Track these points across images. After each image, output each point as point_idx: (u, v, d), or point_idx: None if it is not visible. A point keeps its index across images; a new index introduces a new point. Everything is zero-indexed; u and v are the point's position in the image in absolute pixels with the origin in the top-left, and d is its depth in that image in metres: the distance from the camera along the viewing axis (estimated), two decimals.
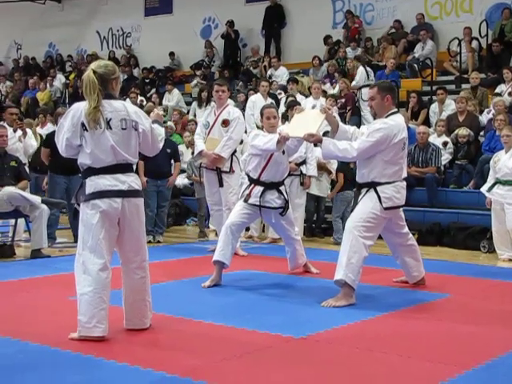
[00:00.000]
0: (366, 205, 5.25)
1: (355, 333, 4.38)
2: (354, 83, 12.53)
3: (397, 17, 14.31)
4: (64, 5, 19.80)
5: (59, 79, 17.98)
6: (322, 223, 9.64)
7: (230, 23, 16.16)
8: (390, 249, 5.88)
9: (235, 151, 7.72)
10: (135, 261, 4.33)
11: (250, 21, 16.20)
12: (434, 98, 11.51)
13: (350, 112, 11.81)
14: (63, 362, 3.67)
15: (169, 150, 8.85)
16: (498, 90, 11.09)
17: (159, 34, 17.64)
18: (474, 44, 12.78)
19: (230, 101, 8.19)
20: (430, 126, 10.73)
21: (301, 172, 8.53)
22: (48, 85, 17.65)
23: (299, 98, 11.72)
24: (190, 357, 3.80)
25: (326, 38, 14.73)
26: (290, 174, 8.41)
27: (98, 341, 4.01)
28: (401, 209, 5.53)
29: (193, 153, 9.07)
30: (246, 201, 6.10)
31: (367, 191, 5.29)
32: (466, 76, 12.20)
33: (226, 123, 7.59)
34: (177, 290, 5.72)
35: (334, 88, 12.74)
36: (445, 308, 5.17)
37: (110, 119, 4.13)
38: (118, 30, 19.15)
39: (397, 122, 5.28)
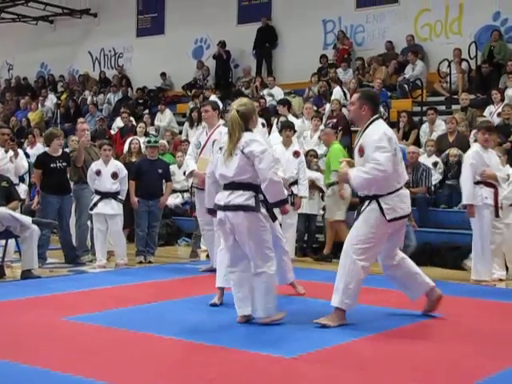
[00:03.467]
0: (366, 222, 5.08)
1: (346, 353, 4.38)
2: (327, 105, 12.63)
3: (387, 38, 14.44)
4: (56, 25, 19.87)
5: (51, 99, 18.00)
6: (313, 243, 9.65)
7: (222, 43, 16.27)
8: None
9: None
10: None
11: (241, 41, 16.30)
12: (425, 118, 11.60)
13: (341, 132, 11.86)
14: (53, 382, 3.64)
15: (160, 171, 8.87)
16: (487, 111, 11.19)
17: (151, 54, 17.72)
18: (464, 65, 12.91)
19: (221, 121, 8.21)
20: (420, 147, 10.81)
21: (292, 192, 8.56)
22: (40, 105, 17.67)
23: (290, 118, 11.78)
24: (178, 376, 3.80)
25: (321, 58, 14.85)
26: None
27: (89, 362, 3.99)
28: (405, 220, 5.36)
29: (185, 173, 9.10)
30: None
31: (369, 203, 5.11)
32: (455, 97, 12.30)
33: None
34: (169, 310, 5.69)
35: (323, 109, 12.80)
36: (436, 328, 5.18)
37: None
38: (110, 51, 19.21)
39: (385, 128, 5.20)
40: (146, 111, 15.85)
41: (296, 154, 8.72)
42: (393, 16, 14.56)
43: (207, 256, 8.29)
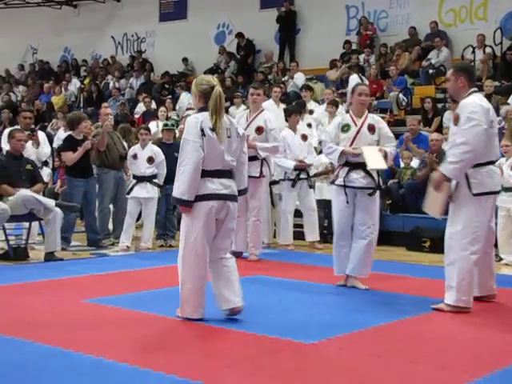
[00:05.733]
0: (468, 213, 5.03)
1: (367, 339, 4.38)
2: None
3: (411, 24, 14.31)
4: (80, 10, 19.94)
5: (74, 84, 18.10)
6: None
7: (239, 34, 16.26)
8: None
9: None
10: None
11: (263, 27, 16.24)
12: (448, 105, 11.49)
13: None
14: (74, 363, 3.69)
15: (177, 154, 8.85)
16: (511, 99, 11.05)
17: (173, 39, 17.73)
18: (488, 51, 12.76)
19: (264, 105, 8.21)
20: (443, 133, 10.71)
21: (308, 175, 8.57)
22: (63, 89, 17.77)
23: (312, 105, 11.75)
24: (200, 361, 3.82)
25: (344, 44, 14.77)
26: (299, 179, 8.53)
27: (110, 343, 4.04)
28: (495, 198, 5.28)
29: None
30: (332, 182, 6.10)
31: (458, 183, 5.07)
32: (480, 84, 12.16)
33: (260, 130, 7.55)
34: None
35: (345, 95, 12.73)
36: (456, 315, 5.15)
37: None
38: (132, 35, 19.26)
39: (480, 100, 5.16)
40: (170, 96, 15.87)
41: (304, 137, 8.72)
42: (417, 1, 14.43)
43: None
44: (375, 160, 5.89)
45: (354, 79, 12.74)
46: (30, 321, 4.64)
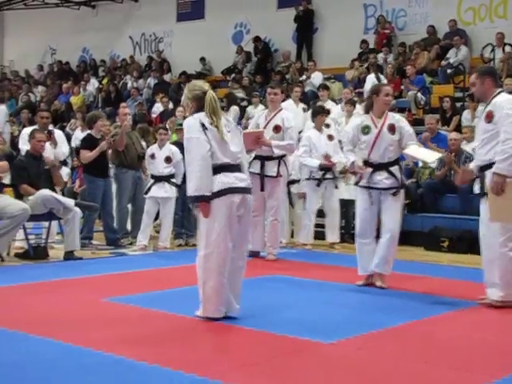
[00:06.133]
0: None
1: (385, 339, 4.37)
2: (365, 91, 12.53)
3: (430, 22, 14.23)
4: (98, 10, 20.06)
5: (92, 84, 18.20)
6: (351, 229, 9.62)
7: (256, 38, 16.30)
8: None
9: (284, 156, 7.68)
10: None
11: (281, 26, 16.24)
12: (467, 104, 11.43)
13: None
14: (94, 362, 3.72)
15: None
16: None
17: (191, 39, 17.77)
18: (508, 50, 12.66)
19: (283, 104, 8.22)
20: (462, 133, 10.65)
21: (333, 175, 8.57)
22: (81, 89, 17.88)
23: (329, 104, 11.73)
24: (219, 360, 3.84)
25: (362, 43, 14.74)
26: (324, 179, 8.53)
27: (129, 342, 4.07)
28: None
29: None
30: (356, 183, 6.11)
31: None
32: (499, 82, 12.07)
33: (278, 129, 7.56)
34: None
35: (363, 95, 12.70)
36: (475, 316, 5.13)
37: None
38: (150, 35, 19.34)
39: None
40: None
41: (330, 137, 8.73)
42: (436, 0, 14.34)
43: None
44: (427, 153, 6.00)
45: (371, 78, 12.72)
46: (51, 319, 4.67)
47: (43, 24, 20.36)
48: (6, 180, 7.93)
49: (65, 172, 10.89)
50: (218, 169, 4.61)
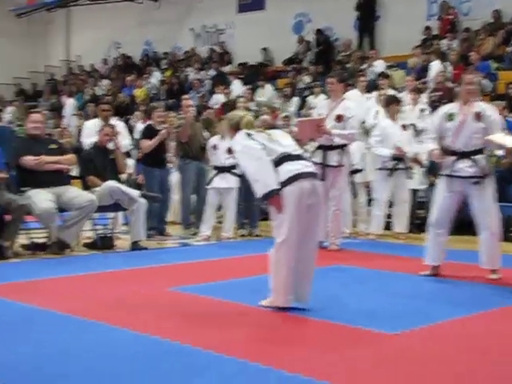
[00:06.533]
0: None
1: (450, 331, 4.31)
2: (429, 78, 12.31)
3: (495, 7, 13.87)
4: (161, 3, 20.29)
5: (155, 76, 18.46)
6: (415, 218, 9.50)
7: (319, 31, 16.24)
8: None
9: (346, 145, 7.65)
10: None
11: (342, 15, 16.10)
12: None
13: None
14: (162, 350, 3.78)
15: None
16: None
17: (252, 30, 17.81)
18: None
19: (347, 94, 8.21)
20: None
21: (405, 166, 8.49)
22: (145, 82, 18.15)
23: (391, 93, 11.56)
24: (284, 350, 3.86)
25: (425, 30, 14.48)
26: (395, 169, 8.47)
27: (196, 331, 4.14)
28: None
29: None
30: (436, 173, 6.13)
31: None
32: None
33: (340, 118, 7.52)
34: None
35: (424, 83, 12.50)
36: None
37: None
38: (211, 27, 19.47)
39: None
40: (248, 86, 15.98)
41: (404, 127, 8.64)
42: None
43: None
44: (507, 139, 5.86)
45: (435, 65, 12.50)
46: (118, 308, 4.78)
47: (108, 19, 20.78)
48: (74, 172, 8.14)
49: (129, 164, 11.08)
50: (281, 160, 4.63)
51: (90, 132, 8.57)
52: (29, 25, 22.49)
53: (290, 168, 4.60)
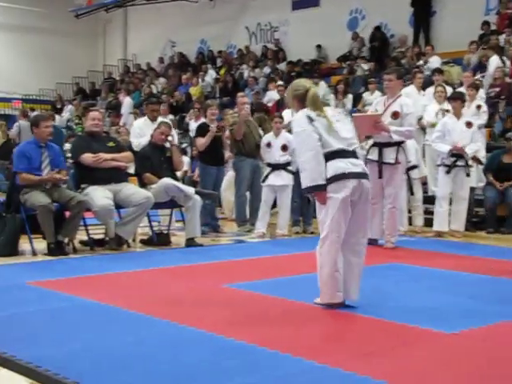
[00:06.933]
0: None
1: (510, 331, 4.23)
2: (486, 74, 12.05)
3: None
4: (215, 2, 20.42)
5: (210, 74, 18.59)
6: (472, 217, 9.35)
7: (377, 28, 16.13)
8: None
9: (403, 142, 7.57)
10: None
11: (397, 10, 15.92)
12: None
13: (505, 102, 11.33)
14: (218, 346, 3.82)
15: None
16: None
17: (306, 27, 17.76)
18: None
19: (404, 90, 8.15)
20: None
21: (466, 163, 8.36)
22: (200, 80, 18.31)
23: (447, 89, 11.38)
24: (340, 348, 3.85)
25: (483, 25, 14.20)
26: (454, 166, 8.36)
27: (251, 328, 4.16)
28: None
29: None
30: None
31: None
32: None
33: (396, 115, 7.45)
34: None
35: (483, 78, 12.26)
36: None
37: None
38: (266, 25, 19.50)
39: None
40: None
41: (469, 124, 8.50)
42: None
43: None
44: None
45: (494, 61, 12.24)
46: (174, 303, 4.84)
47: (163, 18, 21.04)
48: (131, 170, 8.28)
49: (185, 161, 11.20)
50: (332, 155, 4.62)
51: (141, 132, 8.71)
52: (88, 25, 22.95)
53: (339, 165, 4.60)
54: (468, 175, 8.48)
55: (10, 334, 4.01)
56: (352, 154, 4.70)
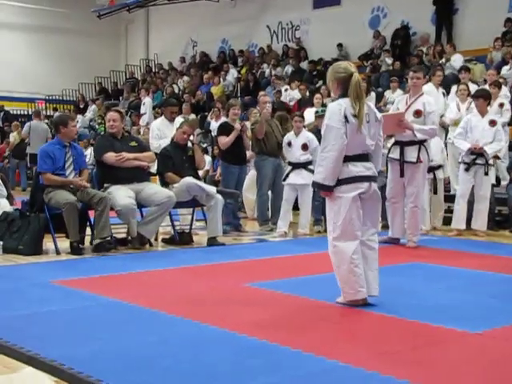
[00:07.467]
0: None
1: None
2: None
3: None
4: (236, 1, 20.45)
5: (232, 73, 18.63)
6: (494, 216, 9.26)
7: (404, 27, 16.13)
8: None
9: (425, 141, 7.50)
10: None
11: (419, 8, 15.82)
12: None
13: None
14: (241, 346, 3.82)
15: None
16: None
17: (327, 25, 17.72)
18: None
19: (424, 88, 8.12)
20: None
21: (486, 162, 8.29)
22: (221, 79, 18.34)
23: (471, 87, 11.30)
24: (362, 347, 3.84)
25: (506, 22, 14.05)
26: (474, 164, 8.29)
27: (273, 327, 4.17)
28: None
29: None
30: None
31: None
32: None
33: (418, 113, 7.41)
34: None
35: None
36: None
37: None
38: (287, 24, 19.48)
39: None
40: (321, 82, 15.89)
41: (492, 123, 8.43)
42: None
43: (383, 227, 8.23)
44: None
45: None
46: (196, 303, 4.85)
47: (185, 18, 21.11)
48: (153, 169, 8.33)
49: (206, 160, 11.23)
50: (349, 158, 4.64)
51: (159, 133, 8.79)
52: (110, 25, 23.10)
53: (352, 169, 4.63)
54: (486, 174, 8.37)
55: (34, 333, 4.06)
56: (366, 158, 4.73)
